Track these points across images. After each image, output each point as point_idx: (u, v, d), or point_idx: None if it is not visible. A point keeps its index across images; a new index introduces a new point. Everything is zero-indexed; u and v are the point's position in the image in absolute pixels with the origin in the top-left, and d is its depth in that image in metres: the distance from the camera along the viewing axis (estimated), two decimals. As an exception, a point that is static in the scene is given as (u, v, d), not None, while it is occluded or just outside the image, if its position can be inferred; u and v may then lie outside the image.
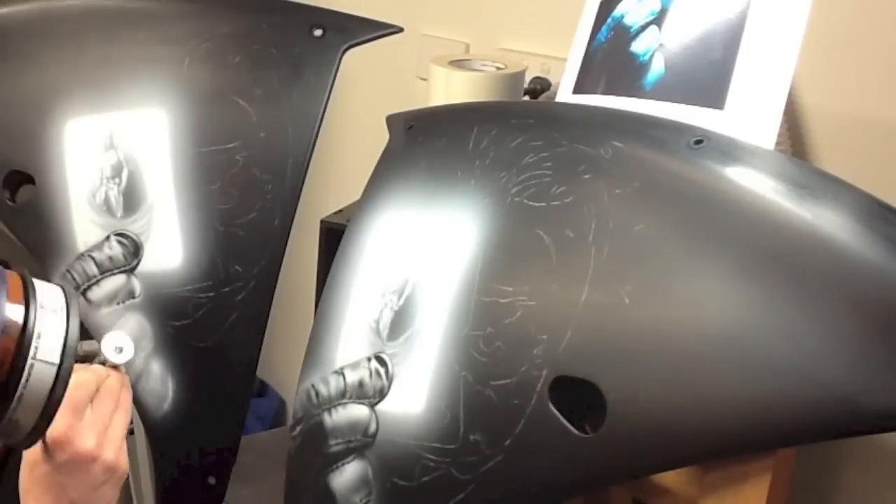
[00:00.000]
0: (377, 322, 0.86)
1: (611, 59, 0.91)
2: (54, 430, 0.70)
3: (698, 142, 0.75)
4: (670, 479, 0.78)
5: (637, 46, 0.88)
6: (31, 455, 0.72)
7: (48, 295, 0.66)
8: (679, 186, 0.74)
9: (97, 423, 0.73)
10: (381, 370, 0.84)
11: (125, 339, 0.79)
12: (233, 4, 1.08)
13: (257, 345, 1.01)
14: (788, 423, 0.64)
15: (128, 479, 1.25)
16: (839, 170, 0.72)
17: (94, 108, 1.04)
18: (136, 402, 0.99)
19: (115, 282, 0.99)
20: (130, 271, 1.00)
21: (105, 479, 0.73)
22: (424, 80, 1.34)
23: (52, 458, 0.71)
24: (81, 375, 0.74)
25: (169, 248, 1.00)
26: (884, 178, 0.91)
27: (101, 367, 0.77)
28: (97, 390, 0.75)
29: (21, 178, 1.03)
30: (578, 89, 0.93)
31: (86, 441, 0.71)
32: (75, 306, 0.67)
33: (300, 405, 0.90)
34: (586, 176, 0.78)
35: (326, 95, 1.02)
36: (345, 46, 1.04)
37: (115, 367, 0.78)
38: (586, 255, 0.75)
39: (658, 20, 0.87)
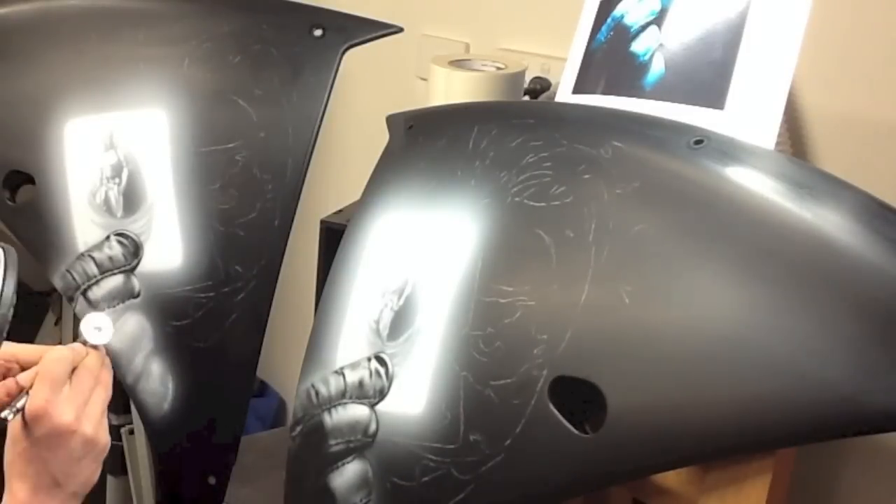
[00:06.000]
0: (377, 322, 0.86)
1: (611, 59, 0.91)
2: (32, 403, 0.71)
3: (698, 142, 0.75)
4: (670, 479, 0.78)
5: (637, 46, 0.88)
6: (13, 431, 0.73)
7: None
8: (679, 186, 0.74)
9: (76, 398, 0.74)
10: (381, 370, 0.84)
11: (105, 319, 0.80)
12: (233, 4, 1.08)
13: (257, 345, 1.01)
14: (788, 423, 0.64)
15: (128, 478, 1.25)
16: (839, 170, 0.72)
17: (94, 108, 1.04)
18: (136, 402, 0.99)
19: (115, 282, 0.99)
20: (130, 271, 0.99)
21: (85, 453, 0.74)
22: (424, 80, 1.34)
23: (32, 432, 0.72)
24: (58, 350, 0.75)
25: (169, 248, 1.00)
26: (884, 178, 0.91)
27: (80, 345, 0.79)
28: (76, 368, 0.76)
29: (21, 178, 1.03)
30: (578, 89, 0.93)
31: (64, 414, 0.72)
32: (13, 265, 0.70)
33: (300, 405, 0.90)
34: (586, 176, 0.78)
35: (326, 95, 1.02)
36: (345, 46, 1.04)
37: (94, 347, 0.79)
38: (586, 255, 0.75)
39: (658, 20, 0.87)
